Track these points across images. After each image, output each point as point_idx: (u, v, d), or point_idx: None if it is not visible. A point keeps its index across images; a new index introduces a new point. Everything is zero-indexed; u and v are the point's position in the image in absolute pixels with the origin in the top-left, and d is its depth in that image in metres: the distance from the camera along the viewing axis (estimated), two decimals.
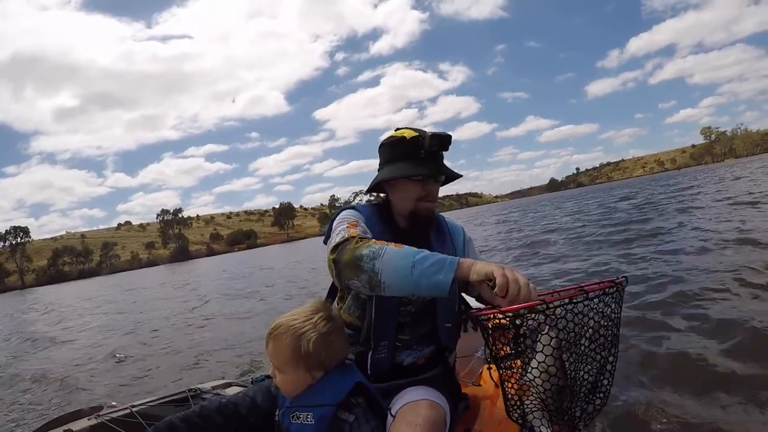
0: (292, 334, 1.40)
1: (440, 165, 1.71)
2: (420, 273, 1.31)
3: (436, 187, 1.73)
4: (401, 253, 1.36)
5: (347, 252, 1.43)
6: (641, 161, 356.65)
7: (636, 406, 2.80)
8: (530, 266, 9.19)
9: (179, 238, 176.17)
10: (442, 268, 1.30)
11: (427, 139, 1.64)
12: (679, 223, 11.04)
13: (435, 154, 1.68)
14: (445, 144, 1.68)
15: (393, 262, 1.35)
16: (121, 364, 6.51)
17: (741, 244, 6.96)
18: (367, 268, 1.37)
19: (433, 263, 1.31)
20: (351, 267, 1.41)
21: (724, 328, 3.71)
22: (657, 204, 18.10)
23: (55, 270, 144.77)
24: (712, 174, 41.29)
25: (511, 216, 31.67)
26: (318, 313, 1.46)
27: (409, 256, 1.34)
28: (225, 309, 10.61)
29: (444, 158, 1.74)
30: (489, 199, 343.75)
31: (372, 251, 1.38)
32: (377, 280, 1.36)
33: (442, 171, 1.70)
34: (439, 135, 1.66)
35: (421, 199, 1.70)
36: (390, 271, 1.34)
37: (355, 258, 1.40)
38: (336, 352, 1.47)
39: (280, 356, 1.43)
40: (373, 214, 1.76)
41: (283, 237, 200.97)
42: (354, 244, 1.44)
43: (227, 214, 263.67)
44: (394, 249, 1.38)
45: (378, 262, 1.36)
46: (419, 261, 1.32)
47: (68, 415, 2.16)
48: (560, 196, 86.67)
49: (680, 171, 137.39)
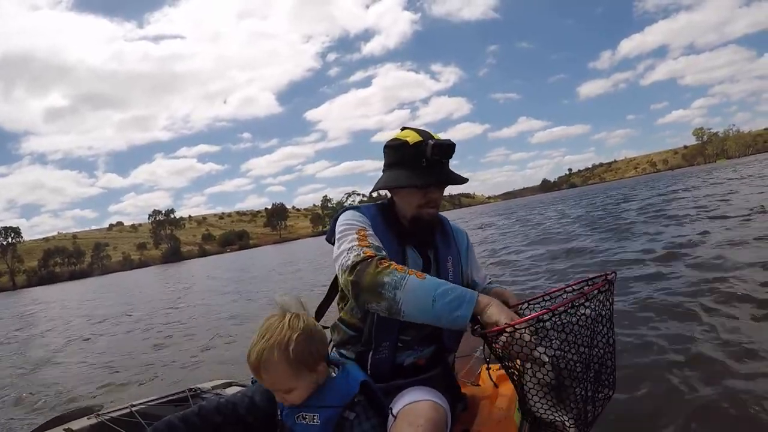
0: (278, 349, 1.37)
1: (442, 173, 1.68)
2: (441, 307, 1.35)
3: (438, 194, 1.72)
4: (423, 286, 1.39)
5: (367, 276, 1.44)
6: (633, 162, 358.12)
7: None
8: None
9: (171, 238, 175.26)
10: (461, 304, 1.35)
11: (429, 149, 1.62)
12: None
13: (438, 162, 1.66)
14: (448, 153, 1.67)
15: (415, 294, 1.38)
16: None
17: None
18: (388, 296, 1.39)
19: (453, 299, 1.36)
20: (371, 293, 1.42)
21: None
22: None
23: (46, 271, 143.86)
24: (710, 175, 40.65)
25: (497, 221, 29.98)
26: (285, 317, 1.43)
27: (431, 290, 1.37)
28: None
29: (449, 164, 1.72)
30: (482, 200, 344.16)
31: (394, 280, 1.40)
32: (397, 308, 1.39)
33: (444, 180, 1.68)
34: (442, 144, 1.63)
35: (422, 206, 1.70)
36: (411, 302, 1.38)
37: (376, 284, 1.41)
38: (321, 339, 1.46)
39: (280, 378, 1.39)
40: (377, 215, 1.75)
41: (275, 238, 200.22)
42: (374, 269, 1.44)
43: (219, 215, 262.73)
44: (416, 280, 1.40)
45: (400, 293, 1.38)
46: (440, 295, 1.36)
47: (68, 414, 2.16)
48: (552, 197, 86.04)
49: (673, 172, 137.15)
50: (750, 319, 3.85)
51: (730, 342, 3.46)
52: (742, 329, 3.67)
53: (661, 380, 3.09)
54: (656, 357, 3.46)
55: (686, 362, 3.27)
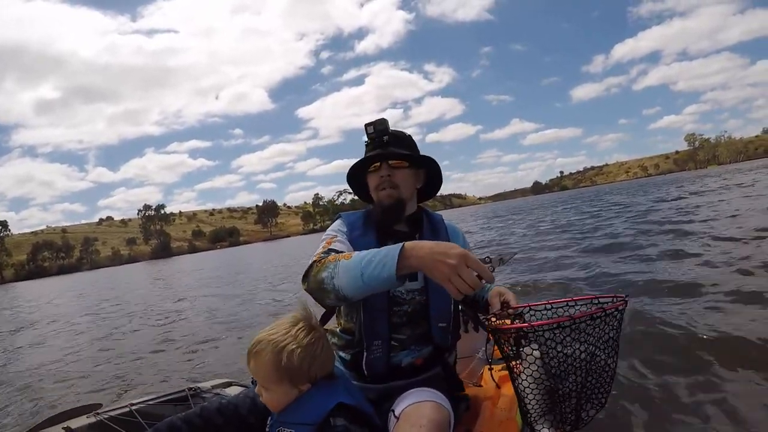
0: (273, 349, 1.36)
1: (381, 149, 1.72)
2: (369, 276, 1.35)
3: (387, 171, 1.73)
4: (350, 264, 1.40)
5: (312, 279, 1.49)
6: (625, 166, 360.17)
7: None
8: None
9: (161, 234, 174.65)
10: (385, 264, 1.33)
11: (366, 129, 1.72)
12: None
13: (380, 141, 1.72)
14: (382, 129, 1.72)
15: (347, 275, 1.40)
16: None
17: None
18: (330, 288, 1.43)
19: (377, 263, 1.35)
20: (319, 291, 1.47)
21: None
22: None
23: (34, 265, 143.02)
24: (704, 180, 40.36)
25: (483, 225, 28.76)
26: (298, 324, 1.42)
27: (357, 265, 1.39)
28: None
29: (401, 144, 1.76)
30: (473, 201, 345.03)
31: (329, 272, 1.44)
32: (342, 295, 1.42)
33: (385, 155, 1.71)
34: (374, 122, 1.72)
35: (378, 188, 1.74)
36: (345, 284, 1.40)
37: (318, 282, 1.46)
38: (321, 363, 1.43)
39: (262, 373, 1.40)
40: (357, 220, 1.79)
41: (266, 235, 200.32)
42: (315, 271, 1.49)
43: (210, 211, 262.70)
44: (345, 262, 1.42)
45: (336, 281, 1.42)
46: (365, 266, 1.36)
47: (66, 412, 2.14)
48: (543, 200, 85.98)
49: (665, 177, 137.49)
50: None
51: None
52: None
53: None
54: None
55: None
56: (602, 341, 1.32)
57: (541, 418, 1.38)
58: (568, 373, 1.32)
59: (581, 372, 1.33)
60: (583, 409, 1.37)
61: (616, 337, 1.35)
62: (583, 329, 1.27)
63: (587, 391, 1.36)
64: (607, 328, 1.31)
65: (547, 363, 1.30)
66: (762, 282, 4.99)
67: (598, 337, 1.31)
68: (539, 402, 1.36)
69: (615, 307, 1.29)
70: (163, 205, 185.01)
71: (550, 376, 1.32)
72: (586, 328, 1.27)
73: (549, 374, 1.32)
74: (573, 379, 1.33)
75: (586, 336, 1.29)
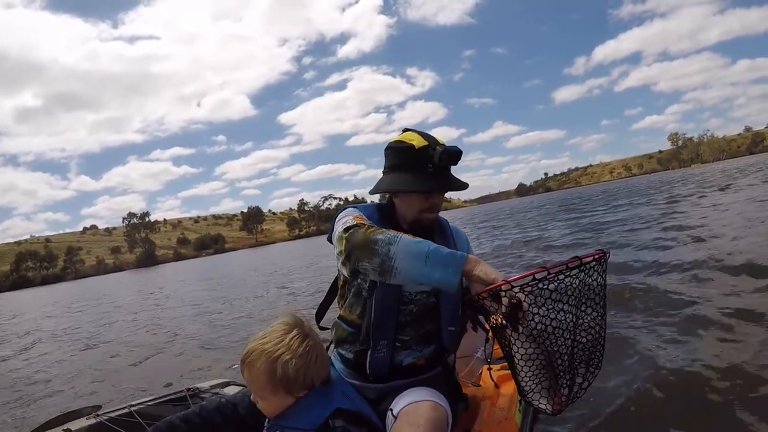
0: (266, 359, 1.35)
1: (448, 180, 1.68)
2: (434, 263, 1.37)
3: (440, 199, 1.73)
4: (416, 242, 1.41)
5: (360, 234, 1.46)
6: (609, 166, 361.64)
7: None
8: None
9: (146, 242, 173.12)
10: (452, 260, 1.38)
11: (437, 155, 1.61)
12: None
13: (444, 168, 1.66)
14: (455, 159, 1.65)
15: (409, 248, 1.40)
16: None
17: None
18: (381, 252, 1.40)
19: (446, 255, 1.39)
20: (364, 249, 1.43)
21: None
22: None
23: (18, 275, 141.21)
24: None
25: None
26: (291, 332, 1.41)
27: (424, 247, 1.40)
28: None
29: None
30: (458, 204, 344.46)
31: (387, 237, 1.42)
32: (390, 264, 1.39)
33: (450, 186, 1.68)
34: (450, 151, 1.62)
35: (423, 210, 1.71)
36: (404, 257, 1.39)
37: (369, 241, 1.43)
38: (317, 371, 1.42)
39: (257, 384, 1.39)
40: (374, 214, 1.76)
41: (251, 241, 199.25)
42: (366, 230, 1.47)
43: (195, 219, 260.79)
44: (409, 238, 1.43)
45: (393, 248, 1.39)
46: (433, 252, 1.38)
47: (67, 414, 2.15)
48: (528, 201, 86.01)
49: (650, 177, 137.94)
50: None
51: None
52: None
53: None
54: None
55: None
56: (587, 299, 1.34)
57: (537, 394, 1.40)
58: (557, 336, 1.33)
59: (569, 334, 1.34)
60: (576, 379, 1.39)
61: (601, 294, 1.36)
62: (563, 290, 1.29)
63: (577, 358, 1.38)
64: (590, 287, 1.32)
65: (534, 328, 1.31)
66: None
67: (579, 296, 1.32)
68: (533, 373, 1.37)
69: (592, 256, 1.30)
70: (148, 213, 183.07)
71: (539, 344, 1.34)
72: (566, 288, 1.29)
73: (538, 342, 1.33)
74: (562, 342, 1.34)
75: (568, 297, 1.30)
